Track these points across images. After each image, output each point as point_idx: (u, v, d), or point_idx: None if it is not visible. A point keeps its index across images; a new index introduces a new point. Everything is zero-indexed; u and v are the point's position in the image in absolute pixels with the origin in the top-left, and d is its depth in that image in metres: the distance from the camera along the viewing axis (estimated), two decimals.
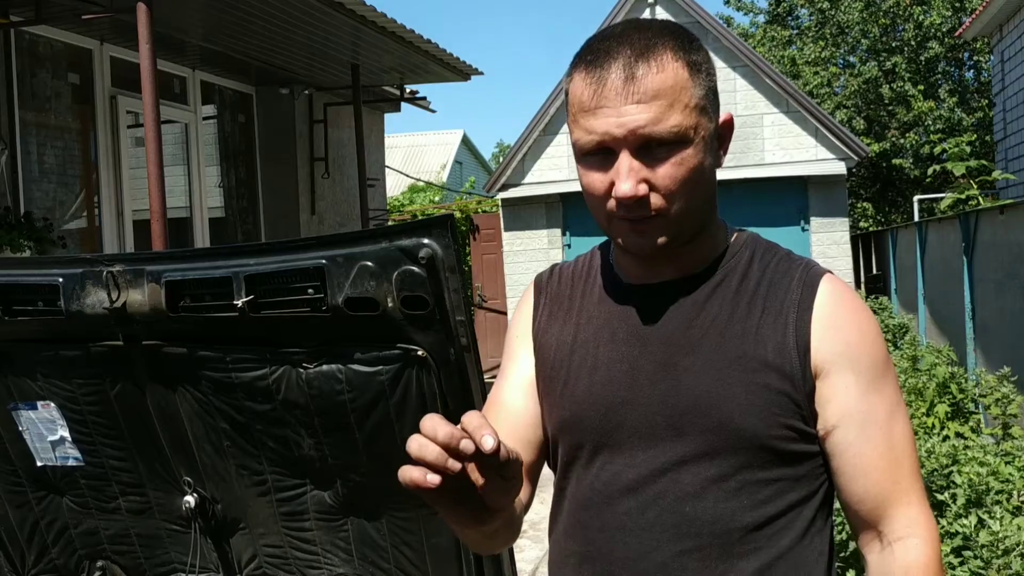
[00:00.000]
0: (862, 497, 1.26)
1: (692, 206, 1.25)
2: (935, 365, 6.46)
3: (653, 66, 1.21)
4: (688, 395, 1.26)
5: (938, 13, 18.72)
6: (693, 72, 1.23)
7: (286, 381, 1.83)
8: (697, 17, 11.25)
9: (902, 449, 1.26)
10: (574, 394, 1.33)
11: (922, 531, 1.24)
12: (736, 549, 1.24)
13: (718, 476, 1.25)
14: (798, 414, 1.24)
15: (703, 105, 1.24)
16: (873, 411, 1.25)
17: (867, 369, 1.26)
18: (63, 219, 7.07)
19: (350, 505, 1.94)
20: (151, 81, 5.42)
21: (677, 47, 1.24)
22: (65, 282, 1.92)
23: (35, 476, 2.19)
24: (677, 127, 1.21)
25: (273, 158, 9.56)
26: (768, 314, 1.27)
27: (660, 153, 1.21)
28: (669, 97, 1.20)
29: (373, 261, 1.68)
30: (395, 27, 7.81)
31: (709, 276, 1.31)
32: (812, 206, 11.03)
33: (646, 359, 1.29)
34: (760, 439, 1.23)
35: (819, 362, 1.25)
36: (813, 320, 1.25)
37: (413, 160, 27.74)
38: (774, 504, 1.25)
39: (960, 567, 3.24)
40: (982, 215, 6.86)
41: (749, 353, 1.25)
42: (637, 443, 1.28)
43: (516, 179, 11.77)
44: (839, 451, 1.26)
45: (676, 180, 1.22)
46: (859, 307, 1.30)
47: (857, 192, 20.05)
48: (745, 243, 1.35)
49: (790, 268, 1.31)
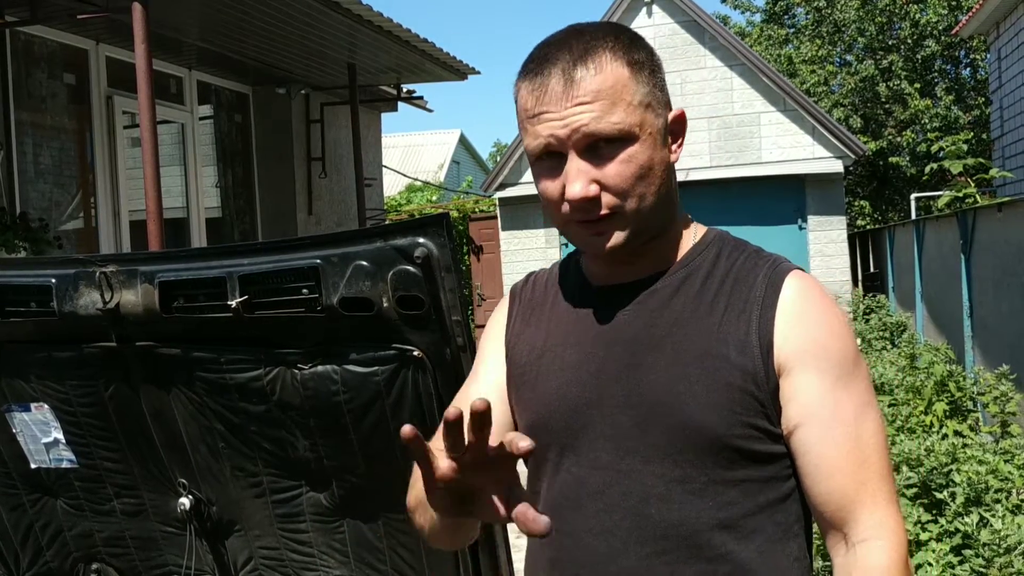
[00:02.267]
0: (826, 498, 1.23)
1: (646, 203, 1.25)
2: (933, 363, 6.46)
3: (591, 68, 1.22)
4: (650, 394, 1.24)
5: (934, 11, 18.73)
6: (634, 71, 1.24)
7: (281, 382, 1.82)
8: (694, 16, 11.25)
9: (871, 449, 1.23)
10: (541, 396, 1.33)
11: (887, 533, 1.21)
12: (704, 552, 1.22)
13: (682, 477, 1.23)
14: (762, 413, 1.22)
15: (648, 102, 1.25)
16: (839, 410, 1.22)
17: (833, 366, 1.23)
18: (59, 220, 7.06)
19: (346, 506, 1.93)
20: (147, 81, 5.41)
21: (616, 47, 1.25)
22: (58, 283, 1.91)
23: (29, 478, 2.18)
24: (620, 124, 1.22)
25: (270, 158, 9.54)
26: (731, 311, 1.26)
27: (607, 152, 1.22)
28: (610, 96, 1.22)
29: (368, 260, 1.67)
30: (392, 26, 7.80)
31: (675, 275, 1.31)
32: (809, 205, 11.03)
33: (611, 360, 1.28)
34: (722, 438, 1.21)
35: (782, 359, 1.22)
36: (777, 317, 1.24)
37: (410, 160, 27.74)
38: (741, 505, 1.23)
39: (960, 566, 3.23)
40: (980, 213, 6.85)
41: (711, 351, 1.23)
42: (603, 444, 1.27)
43: (513, 178, 11.77)
44: (803, 451, 1.23)
45: (625, 177, 1.23)
46: (826, 303, 1.27)
47: (854, 190, 20.07)
48: (712, 241, 1.34)
49: (756, 265, 1.29)
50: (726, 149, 11.14)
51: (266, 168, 9.56)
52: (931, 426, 5.51)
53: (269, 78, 9.18)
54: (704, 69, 11.41)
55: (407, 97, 10.87)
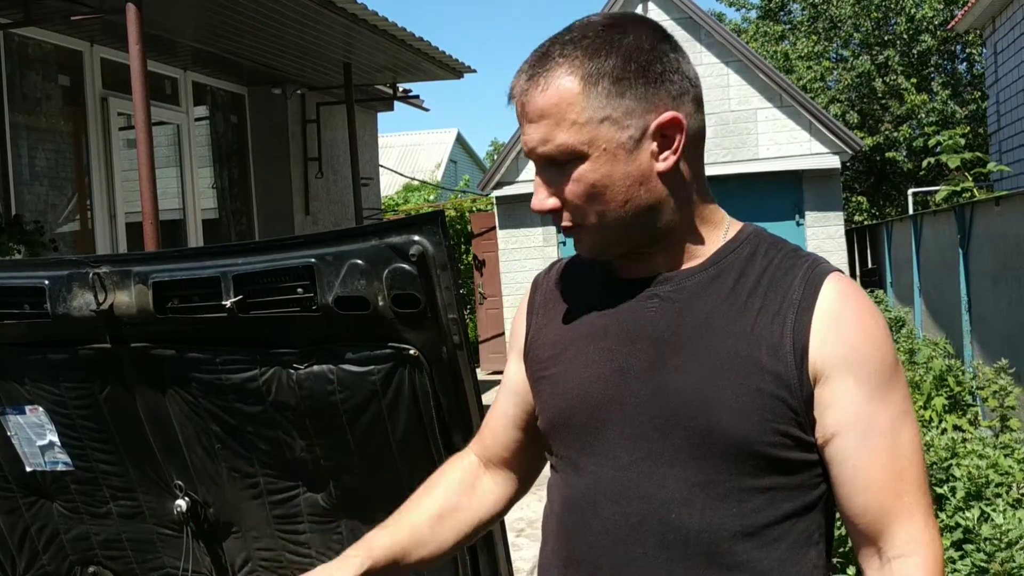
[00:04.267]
0: (862, 510, 1.19)
1: (608, 218, 1.22)
2: (932, 358, 6.46)
3: (540, 85, 1.20)
4: (675, 396, 1.21)
5: (930, 6, 18.75)
6: (588, 85, 1.18)
7: (276, 382, 1.81)
8: (689, 12, 11.25)
9: (908, 461, 1.19)
10: (563, 392, 1.30)
11: (923, 549, 1.18)
12: (725, 559, 1.19)
13: (705, 482, 1.19)
14: (794, 420, 1.18)
15: (604, 116, 1.19)
16: (876, 419, 1.18)
17: (871, 374, 1.18)
18: (55, 222, 7.04)
19: (344, 506, 1.92)
20: (141, 82, 5.39)
21: (576, 59, 1.19)
22: (51, 284, 1.90)
23: (25, 481, 2.16)
24: (563, 145, 1.20)
25: (266, 158, 9.52)
26: (765, 313, 1.21)
27: (561, 169, 1.23)
28: (555, 116, 1.20)
29: (363, 259, 1.66)
30: (387, 25, 7.79)
31: (705, 272, 1.26)
32: (807, 200, 11.03)
33: (635, 357, 1.25)
34: (750, 445, 1.17)
35: (818, 366, 1.18)
36: (814, 321, 1.18)
37: (408, 160, 27.72)
38: (766, 513, 1.20)
39: (960, 560, 3.22)
40: (977, 207, 6.84)
41: (742, 354, 1.19)
42: (623, 444, 1.24)
43: (511, 177, 11.76)
44: (838, 461, 1.19)
45: (577, 195, 1.22)
46: (866, 308, 1.22)
47: (851, 186, 20.08)
48: (748, 238, 1.29)
49: (794, 265, 1.24)
50: (723, 146, 11.14)
51: (262, 169, 9.54)
52: (930, 421, 5.51)
53: (265, 78, 9.16)
54: (700, 66, 11.40)
55: (403, 96, 10.85)
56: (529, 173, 11.65)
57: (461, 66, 9.71)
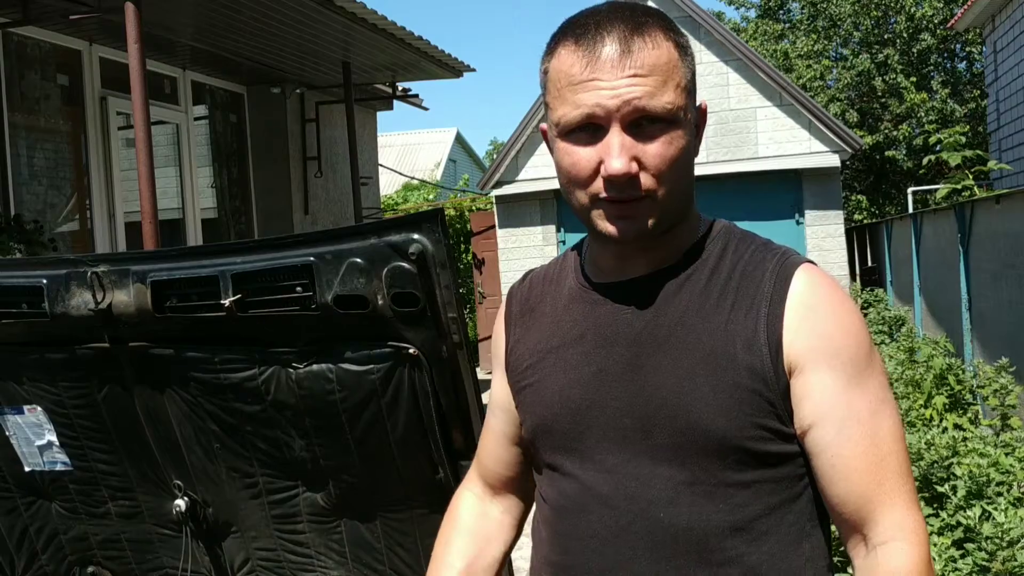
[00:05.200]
0: (844, 499, 1.18)
1: (677, 189, 1.21)
2: (932, 356, 6.45)
3: (648, 42, 1.17)
4: (655, 396, 1.20)
5: (930, 4, 18.74)
6: (682, 54, 1.21)
7: (276, 381, 1.80)
8: (689, 11, 11.23)
9: (888, 448, 1.18)
10: (544, 399, 1.30)
11: (908, 534, 1.17)
12: (715, 556, 1.19)
13: (691, 480, 1.19)
14: (772, 413, 1.18)
15: (690, 88, 1.22)
16: (854, 408, 1.18)
17: (846, 363, 1.18)
18: (54, 222, 7.03)
19: (343, 506, 1.91)
20: (140, 82, 5.38)
21: (666, 27, 1.21)
22: (49, 284, 1.89)
23: (23, 481, 2.16)
24: (671, 104, 1.18)
25: (265, 158, 9.52)
26: (738, 308, 1.21)
27: (651, 131, 1.17)
28: (664, 74, 1.17)
29: (362, 258, 1.65)
30: (386, 24, 7.78)
31: (679, 271, 1.26)
32: (806, 199, 11.01)
33: (613, 360, 1.24)
34: (731, 440, 1.17)
35: (792, 357, 1.18)
36: (786, 313, 1.19)
37: (407, 159, 27.71)
38: (753, 508, 1.19)
39: (962, 559, 3.22)
40: (978, 205, 6.83)
41: (718, 350, 1.19)
42: (607, 447, 1.23)
43: (510, 176, 11.74)
44: (817, 451, 1.19)
45: (666, 160, 1.18)
46: (838, 298, 1.22)
47: (851, 185, 20.07)
48: (718, 234, 1.29)
49: (765, 259, 1.24)
50: (722, 144, 11.13)
51: (261, 168, 9.53)
52: (931, 419, 5.50)
53: (264, 77, 9.15)
54: (700, 64, 11.39)
55: (402, 95, 10.84)
56: (528, 172, 11.65)
57: (460, 65, 9.70)
